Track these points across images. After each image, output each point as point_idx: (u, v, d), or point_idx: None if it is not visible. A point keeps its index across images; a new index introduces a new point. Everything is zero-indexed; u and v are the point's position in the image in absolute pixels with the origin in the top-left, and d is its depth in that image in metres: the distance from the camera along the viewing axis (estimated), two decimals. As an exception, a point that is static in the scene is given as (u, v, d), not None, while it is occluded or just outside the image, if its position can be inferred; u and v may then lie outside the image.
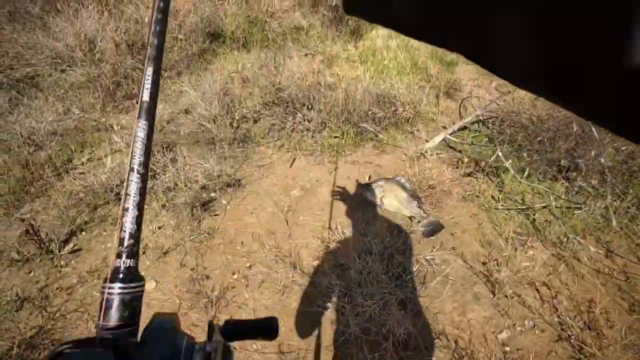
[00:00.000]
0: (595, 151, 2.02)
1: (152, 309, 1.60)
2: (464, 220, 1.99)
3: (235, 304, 1.61)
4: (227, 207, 2.12)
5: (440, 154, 2.50)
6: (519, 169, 2.14)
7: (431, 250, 1.79)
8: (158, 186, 2.14)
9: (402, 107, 2.58)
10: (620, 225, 1.91)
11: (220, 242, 1.91)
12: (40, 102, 2.86)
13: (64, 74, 3.03)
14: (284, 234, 1.93)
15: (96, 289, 1.70)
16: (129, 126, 2.67)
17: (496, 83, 3.30)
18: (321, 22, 4.28)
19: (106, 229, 2.00)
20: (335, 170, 2.38)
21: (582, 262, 1.74)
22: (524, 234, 1.89)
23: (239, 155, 2.52)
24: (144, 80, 0.43)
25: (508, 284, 1.65)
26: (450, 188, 2.20)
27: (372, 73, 3.18)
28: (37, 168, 2.28)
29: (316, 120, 2.64)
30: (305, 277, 1.67)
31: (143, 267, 1.79)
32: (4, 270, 1.77)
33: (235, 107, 2.78)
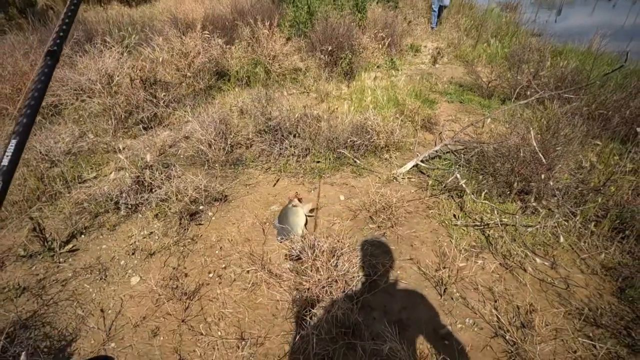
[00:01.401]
0: (545, 175, 2.23)
1: (134, 300, 1.80)
2: (424, 235, 2.18)
3: (207, 298, 1.80)
4: (212, 218, 2.36)
5: (412, 178, 2.74)
6: (477, 190, 2.35)
7: (389, 257, 1.97)
8: (153, 198, 2.41)
9: (376, 135, 2.87)
10: (568, 242, 2.07)
11: (201, 246, 2.13)
12: (60, 126, 3.25)
13: (84, 103, 3.45)
14: (259, 242, 2.15)
15: (87, 281, 1.91)
16: (133, 147, 3.00)
17: (471, 119, 3.59)
18: (317, 64, 4.74)
19: (103, 233, 2.25)
20: (314, 189, 2.62)
21: (527, 272, 1.89)
22: (478, 247, 2.06)
23: (229, 175, 2.80)
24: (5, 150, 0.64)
25: (455, 288, 1.80)
26: (415, 207, 2.41)
27: (355, 107, 3.52)
28: (50, 181, 2.59)
29: (301, 147, 2.94)
30: (272, 278, 1.86)
31: (131, 265, 2.01)
32: (10, 264, 2.01)
33: (231, 134, 3.11)
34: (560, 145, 2.32)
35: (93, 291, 1.86)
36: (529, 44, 5.04)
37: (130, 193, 2.40)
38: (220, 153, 2.92)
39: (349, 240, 2.00)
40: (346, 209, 2.42)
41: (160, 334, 1.63)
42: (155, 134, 3.33)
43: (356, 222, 2.29)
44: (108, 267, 2.00)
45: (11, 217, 2.35)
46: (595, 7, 17.19)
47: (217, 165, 2.86)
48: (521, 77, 4.01)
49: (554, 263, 1.94)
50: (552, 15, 13.12)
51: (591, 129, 2.92)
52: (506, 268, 1.92)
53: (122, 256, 2.07)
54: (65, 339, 1.62)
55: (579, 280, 1.84)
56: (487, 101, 4.12)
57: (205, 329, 1.64)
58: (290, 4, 6.10)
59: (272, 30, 4.87)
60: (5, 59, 3.63)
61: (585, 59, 4.83)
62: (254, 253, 2.04)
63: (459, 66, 5.58)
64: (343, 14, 5.74)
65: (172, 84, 3.97)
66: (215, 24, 5.26)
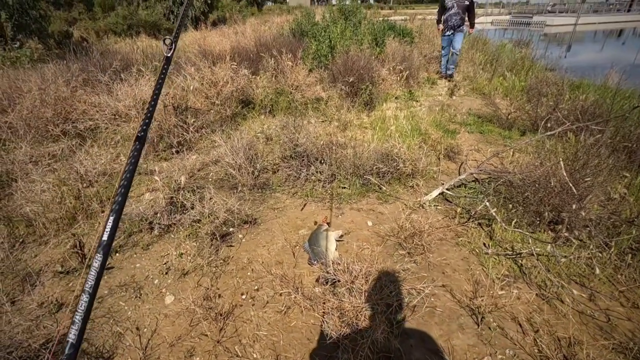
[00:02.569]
0: (576, 205, 2.23)
1: (169, 319, 1.82)
2: (455, 263, 2.16)
3: (241, 319, 1.80)
4: (242, 240, 2.40)
5: (438, 206, 2.75)
6: (507, 219, 2.35)
7: (422, 283, 1.96)
8: (185, 219, 2.47)
9: (402, 163, 2.92)
10: (604, 274, 2.03)
11: (233, 268, 2.15)
12: (96, 149, 3.39)
13: (119, 127, 3.62)
14: (290, 264, 2.16)
15: (123, 299, 1.94)
16: (166, 170, 3.10)
17: (493, 149, 3.64)
18: (338, 94, 4.91)
19: (137, 252, 2.30)
20: (341, 215, 2.65)
21: (565, 303, 1.85)
22: (511, 277, 2.04)
23: (257, 198, 2.86)
24: (104, 226, 0.69)
25: (492, 317, 1.77)
26: (444, 235, 2.41)
27: (379, 136, 3.61)
28: (87, 200, 2.68)
29: (327, 173, 3.00)
30: (306, 300, 1.86)
31: (164, 284, 2.04)
32: (49, 280, 2.06)
33: (258, 159, 3.20)
34: (589, 176, 2.33)
35: (128, 309, 1.88)
36: (545, 77, 5.16)
37: (164, 213, 2.47)
38: (249, 177, 3.00)
39: (381, 266, 2.01)
40: (374, 235, 2.43)
41: (196, 354, 1.63)
42: (185, 158, 3.45)
43: (385, 247, 2.30)
44: (142, 286, 2.03)
45: (49, 234, 2.43)
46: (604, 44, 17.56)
47: (245, 189, 2.93)
48: (541, 110, 4.08)
49: (592, 295, 1.90)
50: (563, 52, 13.43)
51: (617, 161, 2.93)
52: (543, 299, 1.88)
53: (156, 275, 2.11)
54: (103, 356, 1.63)
55: (620, 314, 1.79)
56: (507, 132, 4.17)
57: (240, 350, 1.64)
58: (312, 38, 6.41)
59: (295, 62, 5.10)
60: (48, 85, 3.87)
61: (603, 93, 4.89)
62: (286, 276, 2.05)
63: (476, 98, 5.70)
64: (362, 48, 6.00)
65: (201, 111, 4.15)
66: (241, 56, 5.54)
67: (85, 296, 0.63)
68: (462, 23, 6.11)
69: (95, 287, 0.65)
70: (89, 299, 0.63)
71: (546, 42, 16.71)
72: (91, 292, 0.64)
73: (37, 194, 2.52)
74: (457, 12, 6.03)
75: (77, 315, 0.62)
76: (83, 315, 0.62)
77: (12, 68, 5.56)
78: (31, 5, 7.76)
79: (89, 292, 0.64)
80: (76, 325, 0.61)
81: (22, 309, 1.84)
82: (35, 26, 7.96)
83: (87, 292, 0.64)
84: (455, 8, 6.03)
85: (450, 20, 6.10)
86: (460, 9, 6.02)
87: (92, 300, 0.64)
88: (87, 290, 0.64)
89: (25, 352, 1.55)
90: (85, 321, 0.62)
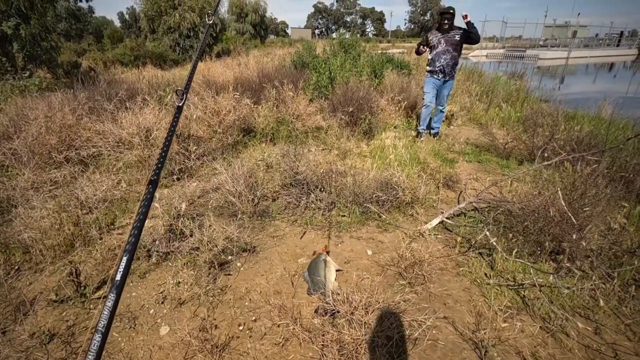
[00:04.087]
0: (577, 235, 2.22)
1: (163, 351, 1.76)
2: (456, 293, 2.13)
3: (237, 352, 1.75)
4: (240, 269, 2.37)
5: (438, 235, 2.74)
6: (508, 249, 2.33)
7: (424, 315, 1.91)
8: (184, 247, 2.45)
9: (402, 191, 2.94)
10: (608, 306, 1.99)
11: (231, 297, 2.11)
12: (97, 175, 3.42)
13: (122, 154, 3.67)
14: (289, 294, 2.13)
15: (116, 330, 1.89)
16: (166, 197, 3.11)
17: (491, 179, 3.67)
18: (338, 124, 5.01)
19: (133, 280, 2.27)
20: (341, 243, 2.64)
21: (570, 337, 1.80)
22: (514, 308, 2.00)
23: (257, 226, 2.85)
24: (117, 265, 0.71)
25: (496, 351, 1.72)
26: (445, 264, 2.39)
27: (378, 164, 3.65)
28: (86, 226, 2.67)
29: (327, 201, 3.01)
30: (304, 332, 1.81)
31: (160, 314, 1.99)
32: (42, 309, 2.02)
33: (258, 187, 3.22)
34: (588, 206, 2.34)
35: (122, 340, 1.83)
36: (540, 108, 5.29)
37: (162, 241, 2.45)
38: (249, 204, 3.01)
39: (382, 296, 1.97)
40: (374, 264, 2.40)
41: (189, 390, 1.57)
42: (185, 185, 3.47)
43: (385, 277, 2.27)
44: (137, 316, 1.98)
45: (45, 261, 2.40)
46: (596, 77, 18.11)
47: (245, 216, 2.93)
48: (537, 140, 4.15)
49: (598, 328, 1.86)
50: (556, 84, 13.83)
51: (615, 191, 2.95)
52: (547, 332, 1.84)
53: (152, 305, 2.06)
54: (93, 390, 1.57)
55: (627, 348, 1.74)
56: (505, 161, 4.23)
57: (236, 386, 1.58)
58: (313, 69, 6.63)
59: (296, 92, 5.25)
60: (55, 113, 3.96)
61: (597, 123, 5.00)
62: (285, 306, 2.01)
63: (474, 128, 5.81)
64: (362, 79, 6.19)
65: (203, 139, 4.22)
66: (244, 86, 5.70)
67: (97, 336, 0.63)
68: (455, 64, 4.61)
69: (108, 327, 0.65)
70: (101, 339, 0.63)
71: (540, 74, 17.25)
72: (104, 332, 0.64)
73: (36, 220, 2.51)
74: (446, 50, 4.53)
75: (90, 356, 0.61)
76: (95, 355, 0.61)
77: (20, 96, 5.71)
78: (43, 37, 8.09)
79: (102, 332, 0.64)
80: None
81: (13, 339, 1.79)
82: (45, 57, 8.25)
83: (100, 331, 0.64)
84: (443, 45, 4.53)
85: (439, 60, 4.58)
86: (450, 46, 4.50)
87: (104, 340, 0.64)
88: (100, 330, 0.64)
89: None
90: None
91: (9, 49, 7.75)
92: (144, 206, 0.84)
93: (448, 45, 4.54)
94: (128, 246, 0.76)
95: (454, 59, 4.60)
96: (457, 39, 4.53)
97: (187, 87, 1.15)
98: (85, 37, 25.03)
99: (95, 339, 0.63)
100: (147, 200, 0.86)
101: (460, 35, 4.51)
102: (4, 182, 3.17)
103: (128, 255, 0.74)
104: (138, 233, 0.80)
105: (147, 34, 20.52)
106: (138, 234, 0.79)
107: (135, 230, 0.80)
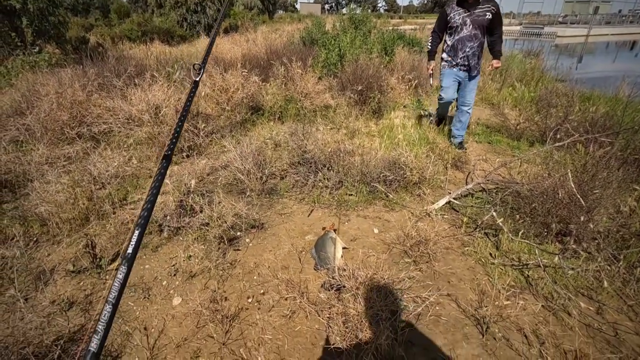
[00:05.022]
0: (585, 217, 2.22)
1: (176, 320, 1.85)
2: (460, 272, 2.16)
3: (246, 323, 1.82)
4: (249, 244, 2.43)
5: (444, 215, 2.75)
6: (514, 230, 2.34)
7: (427, 292, 1.96)
8: (194, 222, 2.51)
9: (410, 171, 2.94)
10: (612, 288, 2.01)
11: (240, 271, 2.18)
12: (109, 152, 3.47)
13: (132, 131, 3.70)
14: (296, 269, 2.18)
15: (131, 300, 1.98)
16: (176, 173, 3.16)
17: (501, 160, 3.63)
18: (347, 102, 4.95)
19: (146, 254, 2.34)
20: (348, 221, 2.67)
21: (571, 316, 1.83)
22: (517, 287, 2.03)
23: (265, 203, 2.89)
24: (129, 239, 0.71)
25: (497, 328, 1.77)
26: (450, 244, 2.41)
27: (386, 144, 3.63)
28: (99, 201, 2.75)
29: (334, 180, 3.03)
30: (311, 305, 1.88)
31: (172, 286, 2.07)
32: (61, 278, 2.11)
33: (266, 165, 3.25)
34: (598, 188, 2.32)
35: (137, 309, 1.92)
36: (555, 88, 5.14)
37: (173, 216, 2.52)
38: (257, 182, 3.05)
39: (387, 273, 2.02)
40: (380, 242, 2.44)
41: (201, 356, 1.66)
42: (195, 162, 3.51)
43: (391, 255, 2.31)
44: (151, 287, 2.07)
45: (62, 234, 2.49)
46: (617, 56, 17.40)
47: (253, 194, 2.97)
48: (550, 121, 4.07)
49: (600, 308, 1.88)
50: (574, 63, 13.35)
51: (627, 173, 2.90)
52: (549, 310, 1.87)
53: (164, 277, 2.15)
54: (111, 354, 1.66)
55: (629, 328, 1.77)
56: (515, 143, 4.17)
57: (246, 353, 1.66)
58: (322, 46, 6.49)
59: (305, 70, 5.18)
60: (65, 89, 3.98)
61: (613, 105, 4.86)
62: (292, 280, 2.07)
63: (485, 108, 5.70)
64: (372, 56, 6.06)
65: (212, 116, 4.22)
66: (252, 63, 5.64)
67: (108, 307, 0.64)
68: (481, 54, 3.48)
69: (118, 298, 0.66)
70: (112, 310, 0.64)
71: (557, 53, 16.64)
72: (114, 302, 0.65)
73: (51, 194, 2.59)
74: (473, 35, 3.33)
75: (100, 325, 0.62)
76: (106, 325, 0.63)
77: (31, 72, 5.74)
78: (51, 12, 8.02)
79: (112, 302, 0.65)
80: (99, 335, 0.62)
81: (35, 306, 1.89)
82: (53, 32, 8.21)
83: (110, 302, 0.65)
84: (469, 27, 3.31)
85: (463, 49, 3.41)
86: (478, 28, 3.31)
87: (114, 310, 0.65)
88: (111, 300, 0.65)
89: (37, 348, 1.60)
90: (107, 331, 0.63)
91: (18, 24, 7.73)
92: (157, 180, 0.86)
93: (475, 28, 3.30)
94: (140, 220, 0.77)
95: (481, 46, 3.41)
96: (488, 18, 3.26)
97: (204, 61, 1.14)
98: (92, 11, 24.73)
99: (106, 310, 0.64)
100: (161, 175, 0.87)
101: (492, 13, 3.25)
102: (20, 157, 3.24)
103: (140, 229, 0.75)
104: (150, 207, 0.81)
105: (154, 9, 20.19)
106: (150, 208, 0.81)
107: (148, 204, 0.81)
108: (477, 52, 3.42)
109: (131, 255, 0.71)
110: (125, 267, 0.69)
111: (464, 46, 3.41)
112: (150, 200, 0.82)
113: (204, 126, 3.87)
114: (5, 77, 6.16)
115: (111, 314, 0.64)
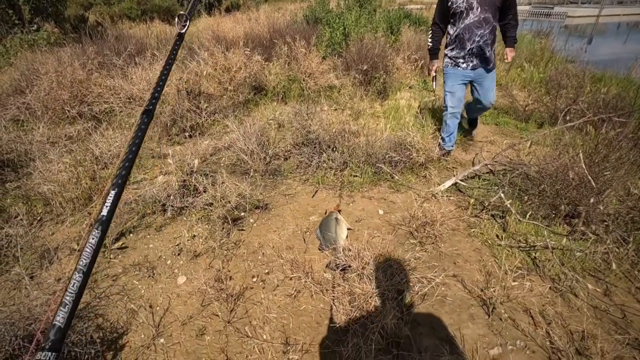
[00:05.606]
0: (594, 199, 2.17)
1: (181, 298, 1.85)
2: (466, 253, 2.14)
3: (251, 302, 1.82)
4: (253, 225, 2.41)
5: (451, 196, 2.72)
6: (522, 211, 2.31)
7: (433, 273, 1.94)
8: (198, 202, 2.49)
9: (415, 152, 2.89)
10: (620, 270, 1.99)
11: (244, 251, 2.17)
12: (110, 131, 3.43)
13: (133, 110, 3.65)
14: (301, 250, 2.17)
15: (136, 278, 1.98)
16: (179, 153, 3.13)
17: (508, 141, 3.56)
18: (352, 82, 4.85)
19: (150, 233, 2.34)
20: (352, 202, 2.64)
21: (579, 297, 1.82)
22: (524, 269, 2.01)
23: (269, 184, 2.86)
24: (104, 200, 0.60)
25: (504, 308, 1.76)
26: (456, 225, 2.39)
27: (392, 125, 3.56)
28: (102, 181, 2.72)
29: (339, 160, 2.98)
30: (316, 285, 1.87)
31: (177, 265, 2.07)
32: (65, 257, 2.11)
33: (270, 145, 3.20)
34: (609, 170, 2.26)
35: (142, 287, 1.92)
36: (565, 69, 5.00)
37: (176, 196, 2.50)
38: (260, 163, 3.01)
39: (392, 253, 2.00)
40: (385, 223, 2.42)
41: (207, 334, 1.66)
42: (198, 142, 3.47)
43: (396, 236, 2.29)
44: (155, 266, 2.07)
45: (65, 213, 2.48)
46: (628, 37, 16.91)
47: (257, 174, 2.94)
48: (560, 102, 3.97)
49: (608, 290, 1.86)
50: (584, 43, 12.99)
51: (639, 155, 2.84)
52: (556, 292, 1.85)
53: (169, 256, 2.14)
54: (117, 331, 1.67)
55: (636, 309, 1.76)
56: (524, 124, 4.08)
57: (251, 331, 1.66)
58: (326, 25, 6.32)
59: (308, 49, 5.05)
60: (65, 68, 3.91)
61: (625, 86, 4.73)
62: (297, 260, 2.06)
63: (492, 90, 5.56)
64: (377, 36, 5.90)
65: (214, 96, 4.15)
66: (254, 42, 5.50)
67: (77, 275, 0.55)
68: (494, 43, 2.79)
69: (90, 265, 0.56)
70: (82, 279, 0.55)
71: (567, 33, 16.18)
72: (85, 270, 0.56)
73: (54, 173, 2.57)
74: (483, 20, 2.66)
75: (68, 296, 0.53)
76: (74, 296, 0.53)
77: (29, 51, 5.64)
78: (48, -12, 7.82)
79: (83, 270, 0.55)
80: (66, 307, 0.53)
81: (40, 283, 1.90)
82: (51, 9, 8.02)
83: (81, 270, 0.55)
84: (477, 11, 2.64)
85: (471, 40, 2.74)
86: (488, 12, 2.64)
87: (85, 280, 0.56)
88: (81, 268, 0.56)
89: (44, 325, 1.60)
90: (76, 303, 0.54)
91: (15, 1, 7.55)
92: (136, 137, 0.76)
93: (485, 11, 2.63)
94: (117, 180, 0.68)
95: (494, 32, 2.75)
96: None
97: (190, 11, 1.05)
98: (90, -11, 24.11)
99: (75, 279, 0.55)
100: (141, 131, 0.78)
101: None
102: (21, 136, 3.21)
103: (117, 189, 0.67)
104: (129, 165, 0.71)
105: (153, -13, 19.64)
106: (129, 167, 0.71)
107: (126, 162, 0.72)
108: (490, 39, 2.73)
109: (106, 217, 0.62)
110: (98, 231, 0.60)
111: (472, 35, 2.70)
112: (129, 158, 0.73)
113: (206, 106, 3.81)
114: (4, 56, 6.07)
115: (81, 284, 0.55)
